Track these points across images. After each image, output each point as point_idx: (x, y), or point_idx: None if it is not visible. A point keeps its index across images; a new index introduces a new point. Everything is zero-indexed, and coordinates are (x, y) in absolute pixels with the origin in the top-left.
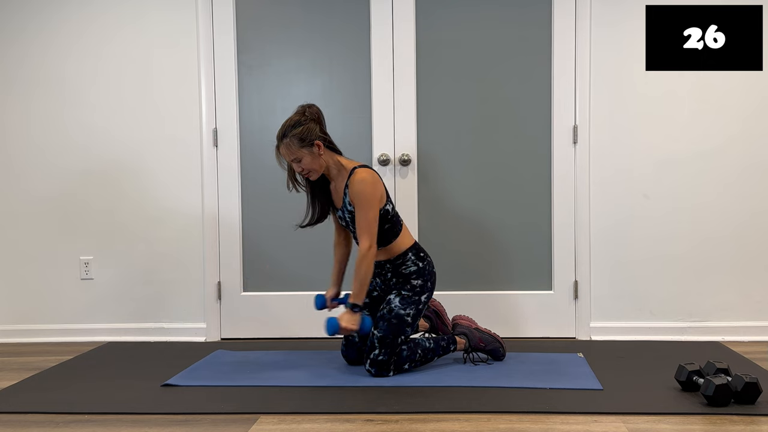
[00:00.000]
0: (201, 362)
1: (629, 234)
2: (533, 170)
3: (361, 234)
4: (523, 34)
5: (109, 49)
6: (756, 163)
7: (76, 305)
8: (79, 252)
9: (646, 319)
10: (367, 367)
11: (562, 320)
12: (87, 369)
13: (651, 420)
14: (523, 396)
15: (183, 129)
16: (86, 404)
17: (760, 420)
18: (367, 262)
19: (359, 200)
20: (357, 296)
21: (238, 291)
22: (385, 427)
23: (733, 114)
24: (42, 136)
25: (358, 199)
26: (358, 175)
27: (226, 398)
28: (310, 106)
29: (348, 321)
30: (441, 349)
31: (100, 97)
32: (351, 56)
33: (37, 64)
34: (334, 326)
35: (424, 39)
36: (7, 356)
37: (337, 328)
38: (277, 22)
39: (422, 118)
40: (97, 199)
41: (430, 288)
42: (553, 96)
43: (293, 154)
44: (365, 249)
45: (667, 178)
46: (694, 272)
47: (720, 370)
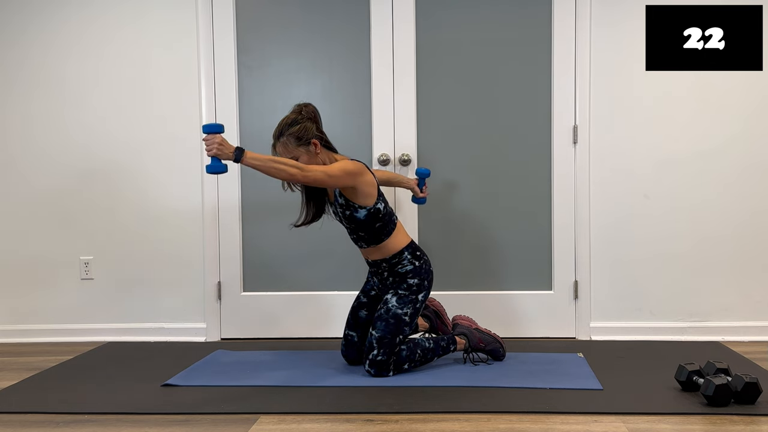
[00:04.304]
0: (201, 362)
1: (629, 234)
2: (533, 170)
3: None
4: (523, 34)
5: (109, 50)
6: (756, 163)
7: (76, 305)
8: (79, 252)
9: (646, 319)
10: (367, 368)
11: (562, 320)
12: (87, 369)
13: (651, 420)
14: (523, 396)
15: (183, 129)
16: (86, 404)
17: (760, 420)
18: (285, 166)
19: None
20: (252, 154)
21: (238, 291)
22: (385, 427)
23: (733, 114)
24: (42, 136)
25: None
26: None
27: (226, 398)
28: (306, 105)
29: (223, 142)
30: (441, 349)
31: (101, 98)
32: (351, 57)
33: (37, 64)
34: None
35: (424, 39)
36: (7, 356)
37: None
38: (277, 23)
39: (422, 118)
40: (98, 199)
41: (427, 287)
42: (553, 96)
43: (290, 152)
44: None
45: (667, 177)
46: (694, 272)
47: (720, 370)
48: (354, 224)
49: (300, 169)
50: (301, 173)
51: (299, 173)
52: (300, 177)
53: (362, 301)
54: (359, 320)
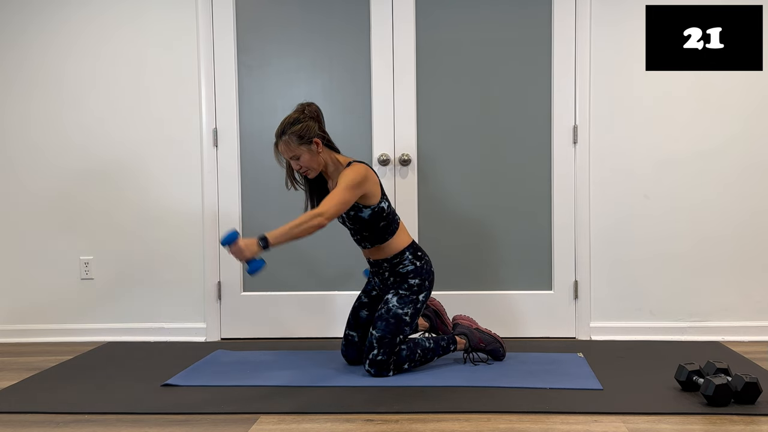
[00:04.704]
0: (201, 362)
1: (629, 234)
2: (533, 170)
3: (324, 201)
4: (523, 34)
5: (108, 50)
6: (756, 163)
7: (76, 305)
8: (79, 252)
9: (646, 319)
10: (367, 368)
11: (562, 320)
12: (87, 369)
13: (651, 420)
14: (523, 396)
15: (183, 129)
16: (86, 404)
17: (760, 420)
18: (307, 223)
19: (341, 179)
20: (274, 234)
21: (238, 291)
22: (385, 427)
23: (733, 114)
24: (41, 137)
25: (342, 177)
26: (353, 166)
27: (226, 398)
28: (309, 104)
29: (246, 245)
30: (441, 349)
31: (100, 98)
32: (351, 56)
33: (36, 65)
34: (232, 237)
35: (424, 39)
36: (7, 356)
37: (233, 241)
38: (277, 22)
39: (422, 118)
40: (97, 199)
41: (428, 287)
42: (553, 96)
43: (292, 151)
44: (317, 212)
45: (667, 178)
46: (694, 272)
47: (720, 370)
48: (359, 224)
49: (319, 215)
50: (323, 218)
51: (321, 219)
52: (324, 221)
53: (363, 301)
54: (360, 320)
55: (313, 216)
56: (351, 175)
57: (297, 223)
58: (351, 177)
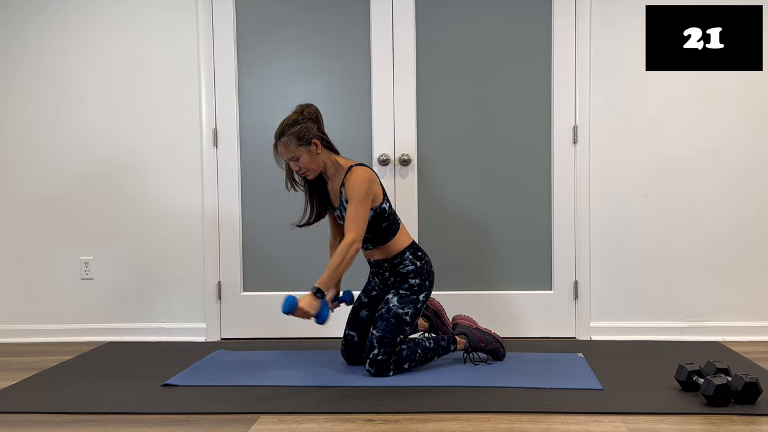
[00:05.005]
0: (201, 362)
1: (629, 234)
2: (533, 170)
3: (348, 226)
4: (523, 34)
5: (107, 50)
6: (756, 163)
7: (76, 305)
8: (79, 252)
9: (646, 319)
10: (367, 367)
11: (562, 320)
12: (87, 369)
13: (651, 420)
14: (523, 396)
15: (183, 129)
16: (86, 404)
17: (760, 420)
18: (347, 255)
19: (352, 194)
20: (324, 282)
21: (238, 291)
22: (385, 427)
23: (733, 114)
24: (41, 137)
25: (351, 192)
26: (356, 172)
27: (226, 398)
28: (308, 105)
29: (307, 304)
30: (441, 348)
31: (99, 98)
32: (351, 56)
33: (35, 64)
34: (291, 305)
35: (424, 39)
36: (7, 356)
37: (294, 308)
38: (277, 22)
39: (422, 118)
40: (97, 199)
41: (429, 287)
42: (553, 96)
43: (291, 152)
44: (349, 241)
45: (667, 178)
46: (695, 272)
47: (720, 370)
48: None
49: (353, 242)
50: (357, 244)
51: (357, 245)
52: (359, 245)
53: (363, 302)
54: (360, 320)
55: (347, 247)
56: (358, 184)
57: (338, 262)
58: (360, 188)
